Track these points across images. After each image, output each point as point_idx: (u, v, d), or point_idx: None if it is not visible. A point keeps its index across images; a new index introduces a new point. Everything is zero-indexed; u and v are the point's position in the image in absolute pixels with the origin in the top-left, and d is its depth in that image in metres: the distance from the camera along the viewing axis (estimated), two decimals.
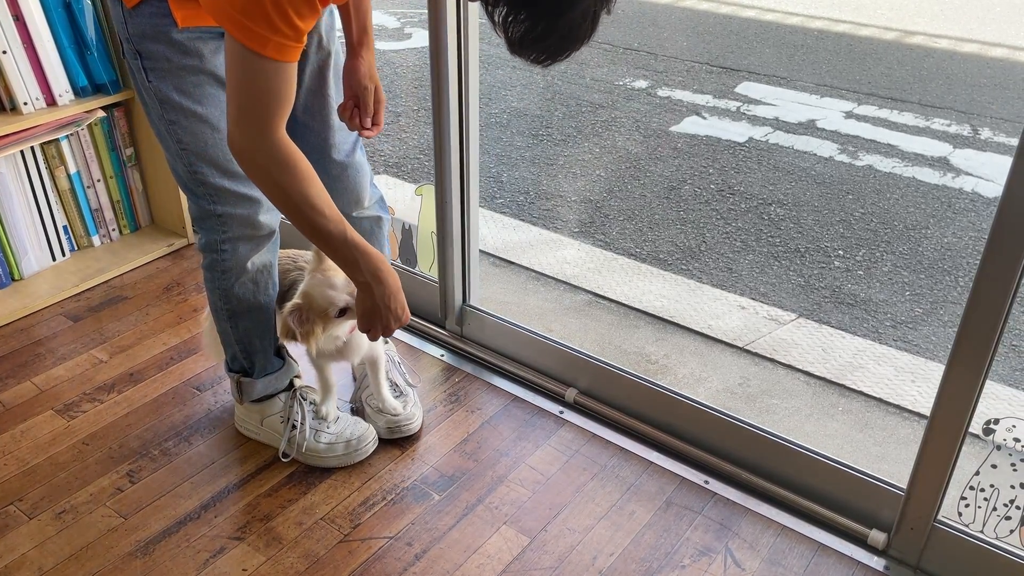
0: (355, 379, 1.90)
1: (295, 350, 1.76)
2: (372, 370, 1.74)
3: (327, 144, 1.59)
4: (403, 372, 1.84)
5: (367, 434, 1.71)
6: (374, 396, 1.77)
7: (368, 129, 1.55)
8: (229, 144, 1.24)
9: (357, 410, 1.82)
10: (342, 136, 1.61)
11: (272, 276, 1.61)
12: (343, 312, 1.50)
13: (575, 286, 2.53)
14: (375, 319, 1.40)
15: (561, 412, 1.85)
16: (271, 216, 1.54)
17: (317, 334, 1.52)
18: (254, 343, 1.64)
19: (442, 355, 2.02)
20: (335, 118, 1.58)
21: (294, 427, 1.69)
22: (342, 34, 1.57)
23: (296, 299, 1.53)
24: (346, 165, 1.63)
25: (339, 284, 1.50)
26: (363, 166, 1.68)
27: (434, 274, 2.05)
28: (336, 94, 1.58)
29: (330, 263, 1.52)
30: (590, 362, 1.85)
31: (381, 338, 1.71)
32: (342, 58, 1.57)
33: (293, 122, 1.57)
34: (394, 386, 1.80)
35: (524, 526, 1.58)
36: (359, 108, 1.54)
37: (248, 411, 1.74)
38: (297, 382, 1.75)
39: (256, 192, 1.49)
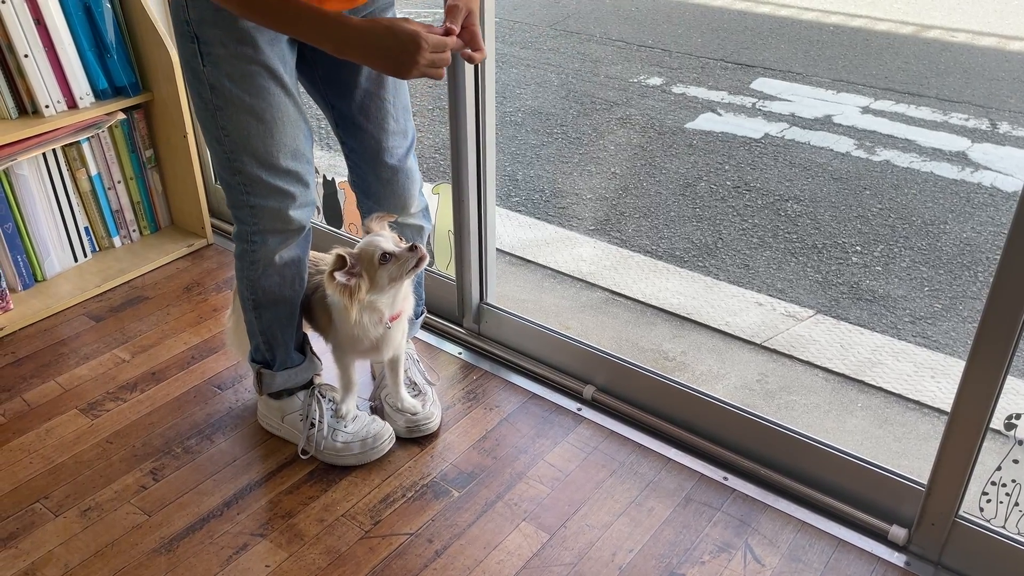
0: (374, 378, 1.91)
1: (319, 346, 1.77)
2: (391, 369, 1.75)
3: (381, 147, 1.60)
4: (422, 370, 1.85)
5: (383, 432, 1.72)
6: (392, 395, 1.78)
7: (471, 52, 1.39)
8: None
9: (377, 409, 1.83)
10: (396, 140, 1.61)
11: (300, 272, 1.62)
12: (387, 259, 1.48)
13: (591, 284, 2.54)
14: (402, 72, 1.29)
15: (579, 409, 1.85)
16: (302, 212, 1.55)
17: (361, 290, 1.49)
18: (276, 335, 1.65)
19: (460, 353, 2.03)
20: (391, 122, 1.58)
21: (313, 425, 1.70)
22: None
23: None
24: (398, 169, 1.64)
25: (385, 235, 1.52)
26: (414, 172, 1.68)
27: (451, 273, 2.06)
28: (394, 98, 1.57)
29: (381, 228, 1.53)
30: (607, 359, 1.85)
31: (405, 336, 1.71)
32: None
33: (349, 123, 1.58)
34: (412, 384, 1.81)
35: (543, 523, 1.59)
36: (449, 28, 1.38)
37: (269, 407, 1.75)
38: (317, 380, 1.76)
39: (291, 187, 1.50)
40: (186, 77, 1.44)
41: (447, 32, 1.35)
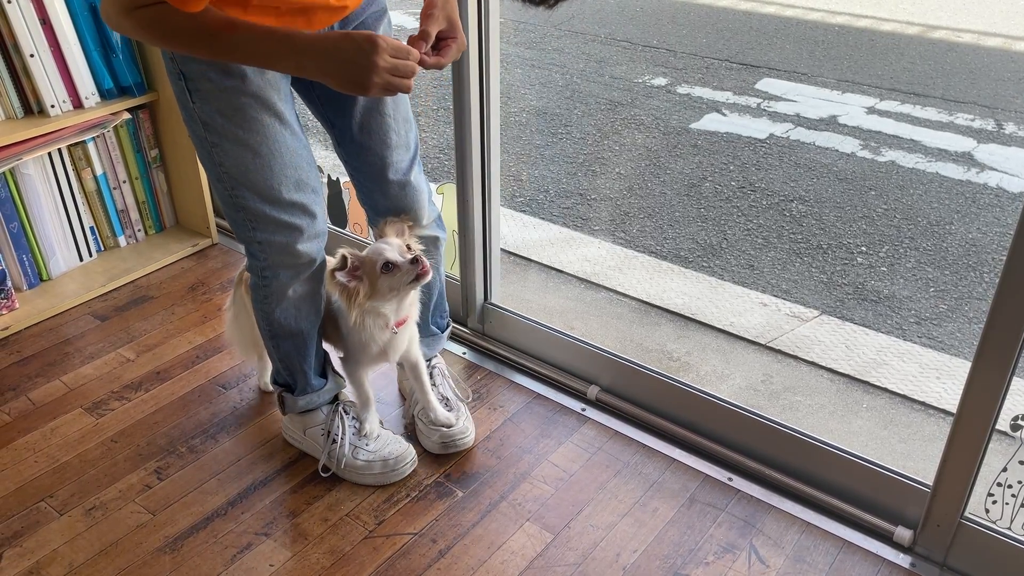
0: (403, 397, 1.88)
1: (338, 362, 1.76)
2: (415, 377, 1.72)
3: (385, 164, 1.56)
4: (452, 386, 1.82)
5: (406, 454, 1.68)
6: (424, 409, 1.74)
7: (428, 56, 1.30)
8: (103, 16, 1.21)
9: (409, 427, 1.80)
10: (399, 155, 1.57)
11: (316, 304, 1.59)
12: (388, 268, 1.46)
13: (596, 284, 2.53)
14: (362, 81, 1.21)
15: (583, 409, 1.85)
16: (312, 245, 1.51)
17: (361, 295, 1.47)
18: (296, 364, 1.64)
19: (464, 353, 2.03)
20: (393, 136, 1.55)
21: (334, 441, 1.67)
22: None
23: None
24: (404, 184, 1.60)
25: (393, 243, 1.49)
26: (420, 184, 1.64)
27: (456, 273, 2.06)
28: (394, 111, 1.54)
29: (395, 235, 1.51)
30: (612, 359, 1.85)
31: (417, 341, 1.69)
32: None
33: (350, 141, 1.55)
34: (445, 400, 1.77)
35: (547, 523, 1.58)
36: (423, 39, 1.30)
37: (292, 420, 1.74)
38: (341, 395, 1.74)
39: (297, 220, 1.46)
40: (182, 116, 1.41)
41: (422, 35, 1.28)
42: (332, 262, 1.49)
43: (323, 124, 1.59)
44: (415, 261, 1.46)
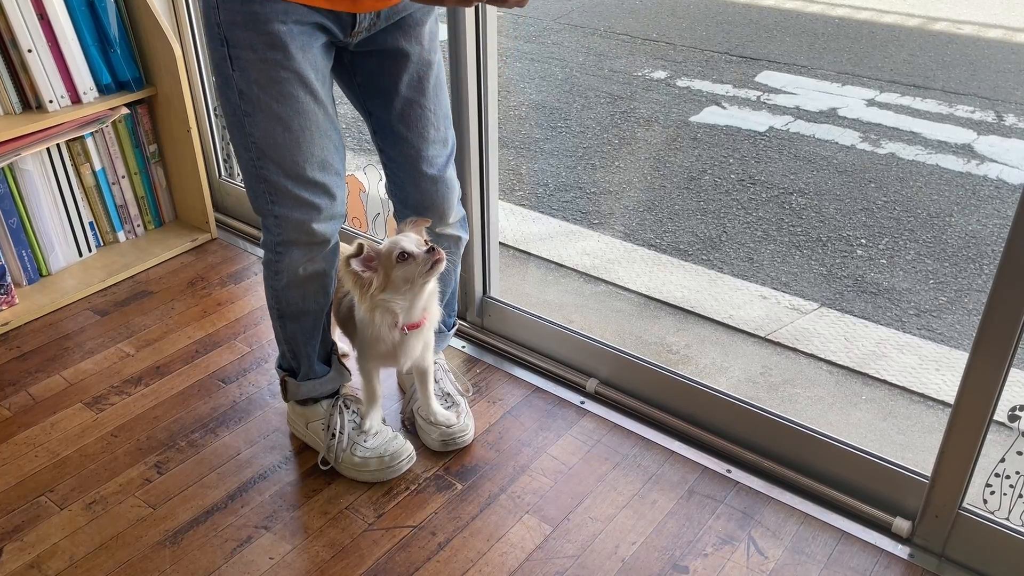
0: (403, 392, 1.89)
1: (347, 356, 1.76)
2: (421, 381, 1.71)
3: (421, 157, 1.56)
4: (453, 381, 1.82)
5: (402, 451, 1.68)
6: (424, 408, 1.74)
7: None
8: None
9: (408, 423, 1.80)
10: (436, 149, 1.57)
11: (324, 286, 1.59)
12: (404, 258, 1.45)
13: (595, 277, 2.54)
14: None
15: (582, 402, 1.85)
16: (328, 225, 1.51)
17: (374, 286, 1.47)
18: (300, 346, 1.64)
19: (463, 347, 2.03)
20: (431, 130, 1.54)
21: (333, 436, 1.68)
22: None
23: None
24: (437, 179, 1.59)
25: (411, 237, 1.48)
26: (453, 182, 1.63)
27: None
28: (435, 106, 1.53)
29: (413, 231, 1.51)
30: (611, 352, 1.85)
31: (432, 348, 1.69)
32: (444, 72, 1.55)
33: (388, 131, 1.54)
34: (446, 396, 1.77)
35: (547, 515, 1.59)
36: None
37: (295, 412, 1.74)
38: (343, 390, 1.74)
39: (316, 199, 1.46)
40: (217, 81, 1.41)
41: None
42: (348, 249, 1.48)
43: (361, 113, 1.58)
44: (431, 250, 1.45)
